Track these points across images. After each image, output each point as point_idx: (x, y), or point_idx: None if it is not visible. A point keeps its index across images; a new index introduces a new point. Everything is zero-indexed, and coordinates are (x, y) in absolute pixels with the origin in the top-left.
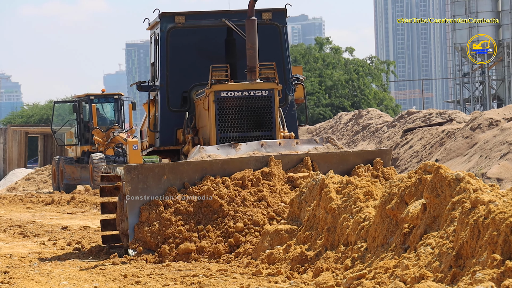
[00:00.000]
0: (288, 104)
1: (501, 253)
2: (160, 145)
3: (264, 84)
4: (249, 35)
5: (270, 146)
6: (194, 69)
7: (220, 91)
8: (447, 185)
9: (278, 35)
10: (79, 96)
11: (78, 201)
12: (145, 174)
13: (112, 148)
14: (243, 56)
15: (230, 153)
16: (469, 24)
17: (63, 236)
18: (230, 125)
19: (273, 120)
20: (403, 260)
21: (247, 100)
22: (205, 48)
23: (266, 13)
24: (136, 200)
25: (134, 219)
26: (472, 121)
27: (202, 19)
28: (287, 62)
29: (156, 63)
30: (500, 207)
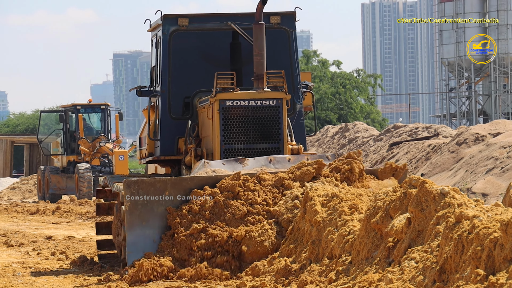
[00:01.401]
0: (296, 113)
1: (485, 268)
2: (160, 155)
3: (272, 93)
4: (257, 40)
5: (279, 162)
6: (197, 75)
7: (225, 100)
8: (432, 199)
9: (287, 40)
10: (66, 106)
11: (63, 211)
12: (146, 190)
13: (98, 158)
14: (249, 61)
15: (236, 168)
16: (456, 39)
17: (47, 246)
18: (235, 136)
19: (280, 131)
20: (387, 274)
21: (253, 110)
22: (209, 53)
23: (275, 17)
24: (135, 216)
25: (133, 237)
26: (458, 136)
27: (206, 22)
28: (295, 68)
29: (157, 67)
30: (484, 222)
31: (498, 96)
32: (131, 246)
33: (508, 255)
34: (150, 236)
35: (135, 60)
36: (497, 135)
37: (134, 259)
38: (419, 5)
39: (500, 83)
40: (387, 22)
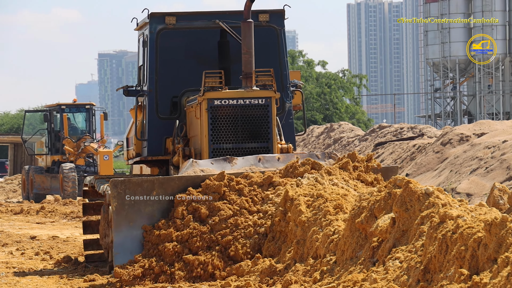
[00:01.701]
0: (285, 112)
1: (469, 268)
2: (148, 155)
3: (260, 92)
4: (245, 38)
5: (268, 161)
6: (185, 74)
7: (213, 99)
8: (416, 199)
9: (276, 38)
10: (50, 105)
11: (47, 211)
12: (133, 190)
13: (82, 158)
14: (238, 60)
15: (225, 168)
16: (441, 39)
17: (31, 246)
18: (224, 136)
19: (270, 130)
20: (372, 273)
21: (242, 109)
22: (197, 51)
23: (263, 15)
24: (122, 217)
25: (119, 238)
26: (443, 136)
27: (194, 20)
28: (284, 67)
29: (144, 66)
30: (468, 222)
31: (483, 97)
32: (118, 247)
33: (492, 255)
34: (138, 237)
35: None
36: (482, 135)
37: (121, 260)
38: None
39: (484, 83)
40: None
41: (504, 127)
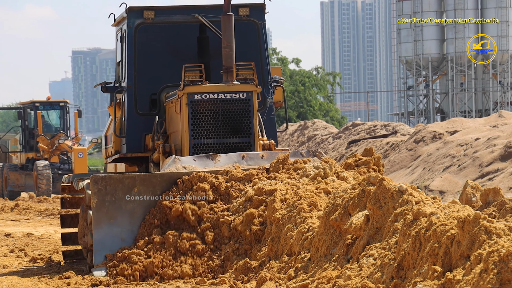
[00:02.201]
0: (266, 108)
1: (442, 265)
2: (127, 152)
3: (242, 86)
4: (225, 32)
5: (252, 159)
6: (164, 69)
7: (193, 93)
8: (390, 197)
9: (256, 32)
10: (24, 102)
11: (22, 208)
12: (114, 186)
13: (57, 155)
14: (217, 55)
15: (208, 165)
16: (414, 37)
17: (6, 243)
18: (205, 131)
19: (251, 125)
20: (346, 270)
21: (223, 103)
22: (176, 46)
23: (243, 9)
24: (103, 214)
25: (99, 235)
26: (416, 133)
27: (173, 14)
28: (265, 62)
29: (122, 62)
30: (442, 220)
31: (455, 95)
32: (98, 244)
33: (465, 251)
34: (118, 235)
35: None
36: (454, 133)
37: (101, 258)
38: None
39: (457, 81)
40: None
41: (477, 125)
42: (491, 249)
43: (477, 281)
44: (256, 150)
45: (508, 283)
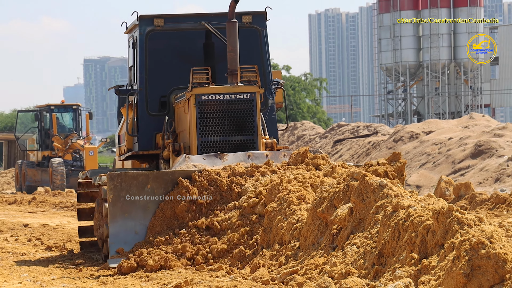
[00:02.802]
0: (268, 109)
1: (418, 252)
2: (139, 150)
3: (245, 87)
4: (230, 37)
5: (257, 158)
6: (172, 73)
7: (201, 94)
8: (372, 191)
9: (258, 38)
10: (41, 106)
11: (38, 201)
12: (129, 182)
13: (70, 153)
14: (222, 59)
15: (216, 163)
16: (393, 46)
17: (24, 233)
18: (211, 129)
19: (255, 124)
20: (332, 258)
21: (228, 104)
22: (184, 51)
23: (246, 16)
24: (118, 208)
25: (115, 228)
26: (395, 133)
27: (181, 22)
28: (267, 65)
29: (134, 67)
30: (418, 211)
31: (431, 98)
32: (113, 237)
33: (439, 240)
34: (132, 228)
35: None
36: (430, 133)
37: (115, 250)
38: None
39: (432, 86)
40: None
41: (450, 125)
42: (463, 238)
43: (450, 267)
44: (259, 147)
45: (478, 269)
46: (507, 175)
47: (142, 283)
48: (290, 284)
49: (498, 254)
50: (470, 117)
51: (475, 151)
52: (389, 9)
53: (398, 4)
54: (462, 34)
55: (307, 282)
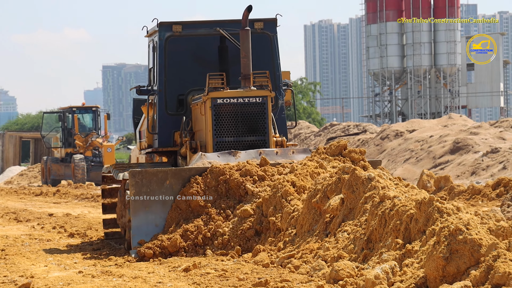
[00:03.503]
0: (278, 109)
1: (403, 238)
2: (159, 147)
3: (258, 91)
4: (243, 44)
5: (268, 155)
6: (189, 75)
7: (216, 98)
8: (361, 183)
9: (269, 43)
10: (64, 108)
11: (62, 193)
12: (149, 179)
13: (90, 150)
14: (235, 62)
15: (230, 160)
16: (380, 54)
17: (49, 221)
18: (226, 130)
19: (266, 125)
20: (325, 243)
21: (242, 107)
22: (200, 55)
23: (258, 23)
24: (140, 202)
25: (137, 221)
26: (381, 132)
27: (197, 28)
28: (277, 68)
29: (154, 68)
30: (403, 201)
31: (414, 100)
32: (136, 229)
33: (421, 227)
34: (153, 221)
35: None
36: (413, 131)
37: (137, 241)
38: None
39: (415, 89)
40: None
41: (431, 124)
42: (442, 225)
43: (431, 251)
44: (271, 146)
45: (456, 252)
46: (482, 169)
47: (155, 266)
48: (288, 266)
49: (474, 239)
50: (449, 117)
51: (454, 148)
52: (376, 20)
53: (384, 16)
54: (442, 43)
55: (303, 265)
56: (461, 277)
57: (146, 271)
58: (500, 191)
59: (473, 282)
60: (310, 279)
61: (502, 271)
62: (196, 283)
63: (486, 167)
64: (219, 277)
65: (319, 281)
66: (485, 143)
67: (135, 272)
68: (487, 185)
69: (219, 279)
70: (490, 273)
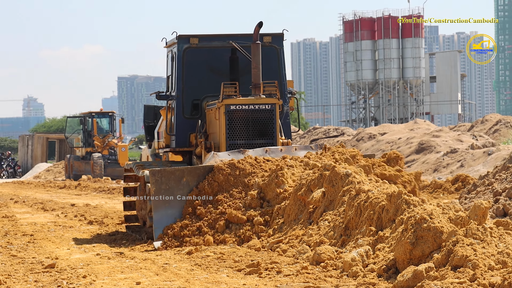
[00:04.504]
0: (283, 114)
1: (375, 226)
2: (176, 147)
3: (267, 99)
4: (254, 56)
5: (273, 152)
6: (204, 82)
7: (230, 105)
8: (340, 178)
9: (276, 55)
10: (84, 113)
11: (82, 186)
12: (167, 177)
13: (107, 149)
14: (245, 72)
15: (239, 157)
16: (356, 68)
17: (71, 211)
18: (238, 134)
19: (274, 130)
20: (309, 230)
21: (252, 113)
22: (213, 65)
23: (267, 37)
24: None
25: (158, 216)
26: (357, 134)
27: (212, 41)
28: (283, 78)
29: (172, 76)
30: (376, 194)
31: (385, 107)
32: (157, 223)
33: (391, 217)
34: (172, 215)
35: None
36: (384, 134)
37: (159, 233)
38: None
39: (385, 98)
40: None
41: (399, 128)
42: (409, 215)
43: (400, 237)
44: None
45: (421, 238)
46: (443, 167)
47: (162, 250)
48: (277, 250)
49: (436, 227)
50: (414, 122)
51: (419, 148)
52: (353, 39)
53: (359, 35)
54: (408, 59)
55: (290, 249)
56: (425, 260)
57: (155, 254)
58: (459, 186)
59: (435, 264)
60: (296, 261)
61: (461, 254)
62: (198, 264)
63: (446, 165)
64: (217, 259)
65: (304, 263)
66: (446, 144)
67: (145, 254)
68: (447, 180)
69: (218, 261)
70: (450, 256)
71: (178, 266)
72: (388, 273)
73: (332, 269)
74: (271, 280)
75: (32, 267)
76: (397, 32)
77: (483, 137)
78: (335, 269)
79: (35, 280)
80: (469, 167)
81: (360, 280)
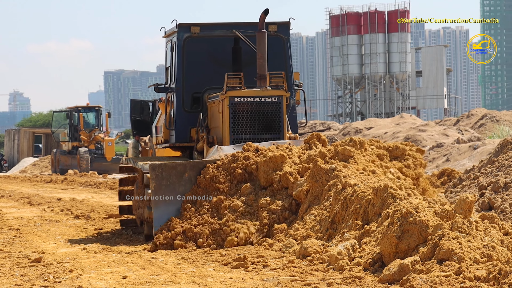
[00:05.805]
0: (290, 108)
1: (362, 220)
2: (176, 142)
3: (274, 91)
4: (260, 45)
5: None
6: (205, 74)
7: (234, 97)
8: (324, 173)
9: (282, 45)
10: (71, 107)
11: (69, 180)
12: (169, 172)
13: (93, 144)
14: (249, 63)
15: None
16: (342, 62)
17: (58, 205)
18: (243, 128)
19: (281, 123)
20: (295, 224)
21: (258, 105)
22: (216, 55)
23: (272, 26)
24: (161, 195)
25: (158, 212)
26: (344, 129)
27: (214, 29)
28: (289, 70)
29: (172, 67)
30: (362, 188)
31: (371, 102)
32: (157, 220)
33: (378, 210)
34: (173, 213)
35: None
36: (370, 128)
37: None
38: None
39: (372, 93)
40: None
41: (385, 123)
42: (395, 209)
43: (386, 231)
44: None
45: (407, 232)
46: (429, 161)
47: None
48: (263, 244)
49: (422, 221)
50: (400, 117)
51: None
52: (339, 33)
53: (346, 30)
54: (394, 53)
55: (276, 243)
56: (411, 253)
57: (141, 247)
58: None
59: (421, 257)
60: (283, 255)
61: (446, 248)
62: (184, 258)
63: (432, 159)
64: (204, 253)
65: (290, 257)
66: (432, 138)
67: (131, 248)
68: (433, 174)
69: (204, 255)
70: (436, 249)
71: (164, 260)
72: (374, 266)
73: (319, 263)
74: (257, 274)
75: (18, 262)
76: (383, 26)
77: (469, 131)
78: (321, 263)
79: (21, 275)
80: (455, 161)
81: (346, 273)
